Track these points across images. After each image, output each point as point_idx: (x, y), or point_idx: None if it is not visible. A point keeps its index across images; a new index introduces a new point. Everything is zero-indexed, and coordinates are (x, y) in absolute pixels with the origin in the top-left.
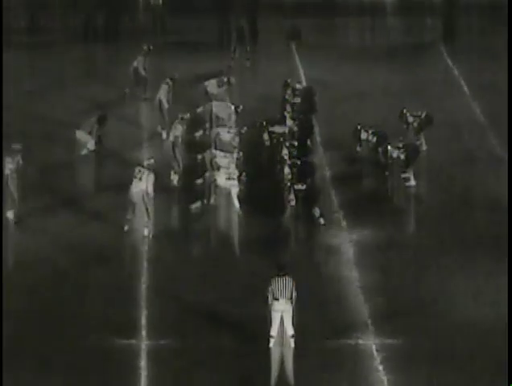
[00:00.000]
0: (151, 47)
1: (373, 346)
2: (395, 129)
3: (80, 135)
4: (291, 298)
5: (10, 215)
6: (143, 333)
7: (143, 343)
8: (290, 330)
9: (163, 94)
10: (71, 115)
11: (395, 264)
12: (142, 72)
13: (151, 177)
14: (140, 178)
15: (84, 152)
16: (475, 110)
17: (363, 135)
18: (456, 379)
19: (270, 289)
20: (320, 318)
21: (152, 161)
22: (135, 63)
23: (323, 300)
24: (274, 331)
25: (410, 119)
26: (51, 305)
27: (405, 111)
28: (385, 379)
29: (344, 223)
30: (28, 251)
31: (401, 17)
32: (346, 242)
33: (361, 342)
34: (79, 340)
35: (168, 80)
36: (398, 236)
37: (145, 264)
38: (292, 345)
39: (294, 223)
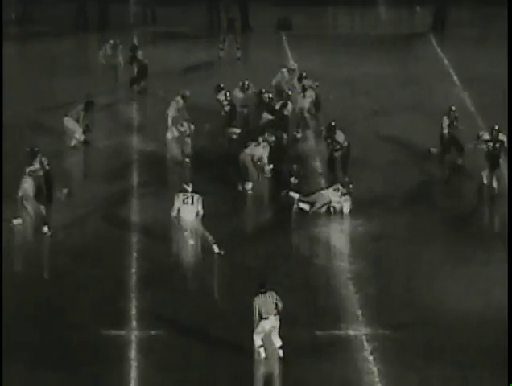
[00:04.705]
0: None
1: (364, 337)
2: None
3: (68, 122)
4: (278, 313)
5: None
6: (133, 324)
7: (133, 334)
8: (278, 342)
9: (172, 111)
10: (61, 105)
11: (386, 254)
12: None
13: (200, 200)
14: (192, 203)
15: (73, 143)
16: (465, 100)
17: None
18: (446, 370)
19: (255, 307)
20: (311, 308)
21: (190, 185)
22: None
23: (313, 290)
24: (259, 341)
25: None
26: (42, 297)
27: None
28: (375, 369)
29: (334, 214)
30: (18, 244)
31: (391, 7)
32: (337, 232)
33: (351, 332)
34: (69, 331)
35: (178, 98)
36: (389, 227)
37: (135, 254)
38: (281, 355)
39: (284, 213)
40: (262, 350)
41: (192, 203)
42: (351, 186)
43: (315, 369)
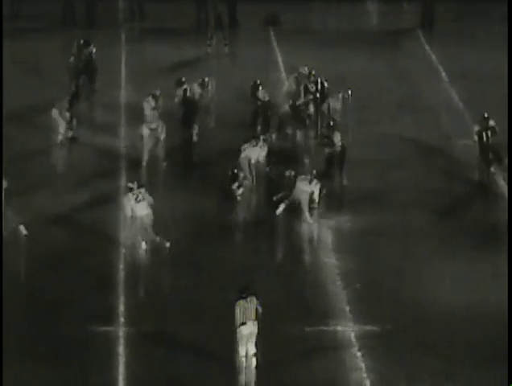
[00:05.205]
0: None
1: (352, 333)
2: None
3: (55, 115)
4: (257, 318)
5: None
6: (121, 320)
7: (121, 330)
8: (252, 349)
9: (146, 111)
10: (48, 102)
11: (374, 250)
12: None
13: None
14: (142, 198)
15: (60, 139)
16: (453, 96)
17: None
18: (435, 365)
19: (237, 313)
20: (299, 304)
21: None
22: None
23: (301, 287)
24: (243, 351)
25: None
26: (30, 293)
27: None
28: (363, 365)
29: (322, 210)
30: (6, 240)
31: (380, 2)
32: (325, 228)
33: (339, 328)
34: (58, 327)
35: (149, 98)
36: (376, 223)
37: (122, 250)
38: (254, 364)
39: (272, 210)
40: (244, 360)
41: (143, 198)
42: (314, 171)
43: (303, 365)
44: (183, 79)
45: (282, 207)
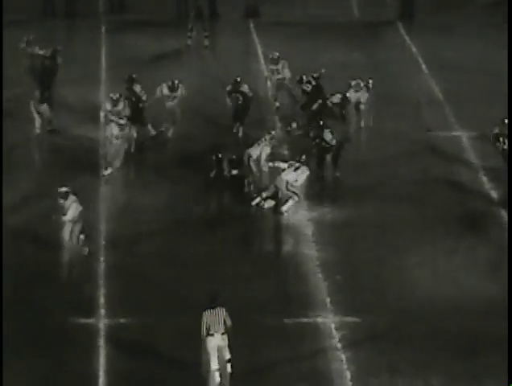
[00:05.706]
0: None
1: (332, 325)
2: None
3: (32, 108)
4: (226, 331)
5: None
6: (102, 312)
7: (102, 322)
8: (226, 355)
9: (111, 113)
10: (28, 94)
11: (355, 242)
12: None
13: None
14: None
15: (37, 131)
16: (433, 88)
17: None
18: (415, 357)
19: (203, 323)
20: (279, 295)
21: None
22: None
23: (281, 278)
24: (215, 364)
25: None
26: (10, 285)
27: None
28: (343, 357)
29: (303, 201)
30: None
31: None
32: (305, 220)
33: (319, 320)
34: (38, 319)
35: (107, 103)
36: (357, 214)
37: (103, 242)
38: (229, 370)
39: (253, 200)
40: (217, 374)
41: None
42: (303, 157)
43: (283, 357)
44: (134, 75)
45: (258, 198)
